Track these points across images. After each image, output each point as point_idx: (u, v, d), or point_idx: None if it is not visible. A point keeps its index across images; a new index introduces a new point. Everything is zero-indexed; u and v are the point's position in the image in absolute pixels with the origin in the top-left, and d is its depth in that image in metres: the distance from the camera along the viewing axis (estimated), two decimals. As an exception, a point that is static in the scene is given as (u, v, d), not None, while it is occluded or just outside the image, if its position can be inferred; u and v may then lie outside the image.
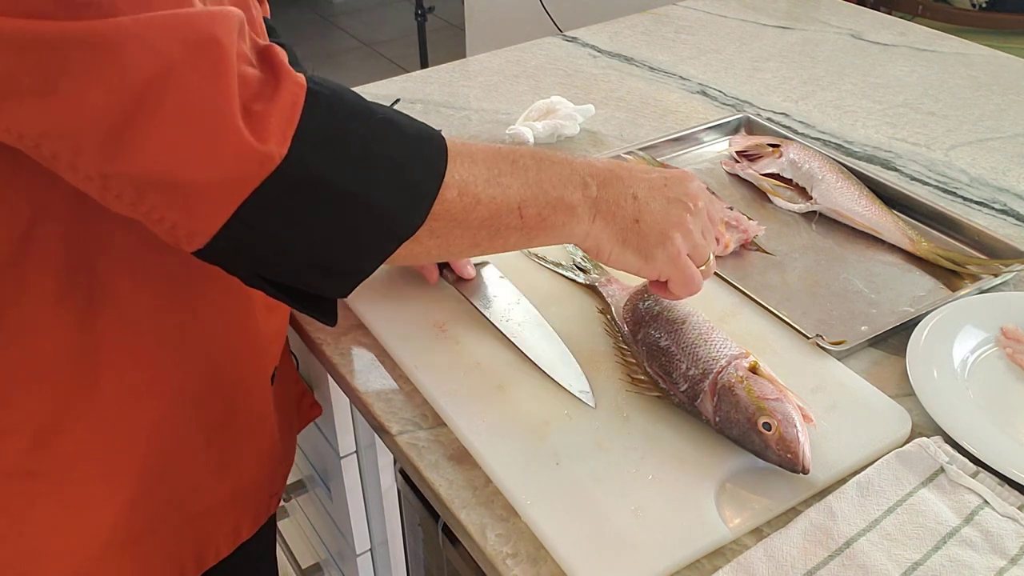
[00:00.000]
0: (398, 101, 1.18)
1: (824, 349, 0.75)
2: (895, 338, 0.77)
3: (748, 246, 0.89)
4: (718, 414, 0.64)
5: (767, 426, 0.62)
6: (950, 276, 0.85)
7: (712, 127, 1.10)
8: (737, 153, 1.04)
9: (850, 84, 1.25)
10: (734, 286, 0.82)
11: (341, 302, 0.70)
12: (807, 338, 0.76)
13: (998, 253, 0.87)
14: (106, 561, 0.66)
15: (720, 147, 1.09)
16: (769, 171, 1.01)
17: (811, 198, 0.95)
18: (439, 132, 0.59)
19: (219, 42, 0.48)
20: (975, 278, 0.84)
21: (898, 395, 0.71)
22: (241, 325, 0.69)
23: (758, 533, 0.61)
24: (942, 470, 0.64)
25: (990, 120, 1.15)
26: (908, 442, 0.66)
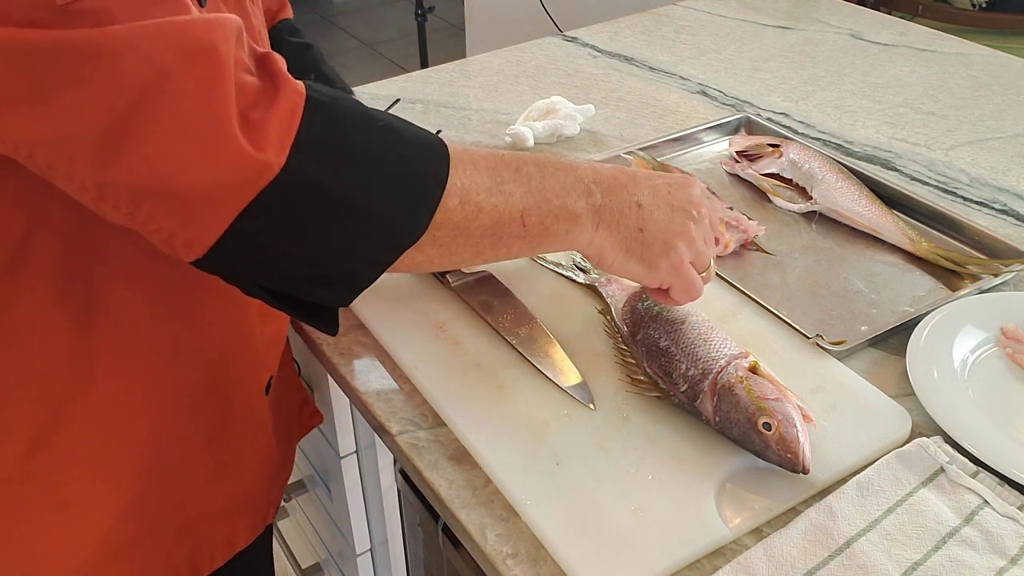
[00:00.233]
0: (398, 101, 1.18)
1: (824, 349, 0.75)
2: (895, 338, 0.77)
3: (748, 246, 0.89)
4: (718, 414, 0.64)
5: (767, 426, 0.62)
6: (950, 276, 0.85)
7: (712, 127, 1.10)
8: (737, 153, 1.04)
9: (850, 84, 1.25)
10: (734, 286, 0.82)
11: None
12: (807, 338, 0.76)
13: (998, 253, 0.87)
14: (101, 566, 0.66)
15: (720, 147, 1.09)
16: (769, 171, 1.01)
17: (811, 198, 0.95)
18: (441, 139, 0.59)
19: (216, 49, 0.47)
20: (975, 278, 0.84)
21: (898, 395, 0.71)
22: (237, 333, 0.69)
23: (758, 533, 0.61)
24: (942, 470, 0.64)
25: (990, 120, 1.15)
26: (908, 442, 0.66)
